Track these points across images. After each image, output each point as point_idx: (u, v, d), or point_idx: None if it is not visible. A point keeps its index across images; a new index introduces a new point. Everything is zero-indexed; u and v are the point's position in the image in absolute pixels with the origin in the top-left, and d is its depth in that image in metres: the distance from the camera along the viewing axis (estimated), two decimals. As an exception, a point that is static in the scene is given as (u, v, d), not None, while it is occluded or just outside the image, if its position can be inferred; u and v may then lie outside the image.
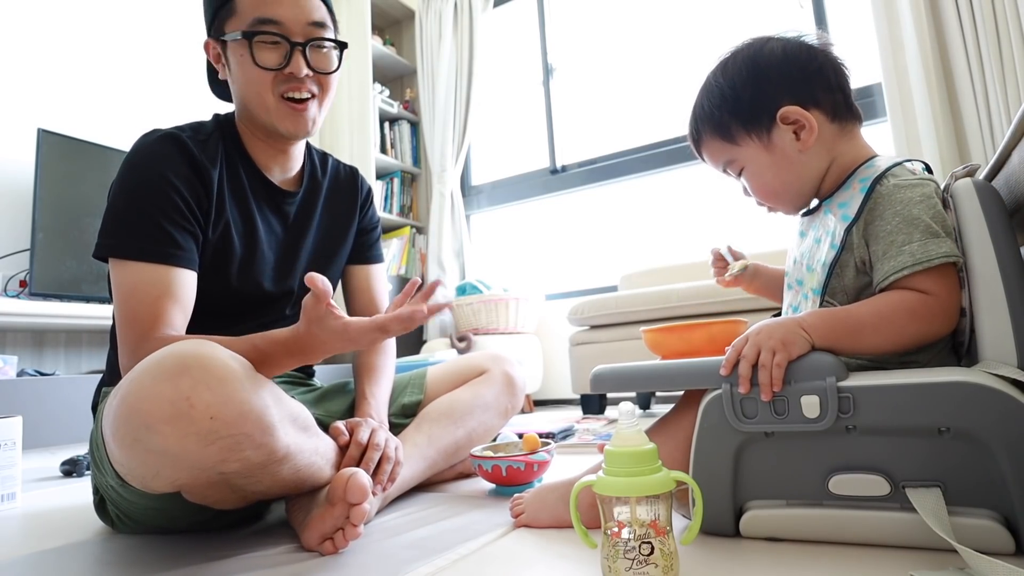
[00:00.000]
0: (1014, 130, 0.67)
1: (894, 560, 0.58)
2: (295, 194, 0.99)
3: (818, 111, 0.72)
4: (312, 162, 1.04)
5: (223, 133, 0.93)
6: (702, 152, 0.81)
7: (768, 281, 0.93)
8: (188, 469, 0.65)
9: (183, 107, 2.77)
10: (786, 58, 0.73)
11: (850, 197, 0.70)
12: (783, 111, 0.72)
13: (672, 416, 0.75)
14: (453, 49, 3.33)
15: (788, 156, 0.73)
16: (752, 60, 0.74)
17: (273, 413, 0.68)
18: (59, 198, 2.18)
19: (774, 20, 2.64)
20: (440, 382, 1.11)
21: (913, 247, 0.63)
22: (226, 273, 0.90)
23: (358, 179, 1.11)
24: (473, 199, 3.46)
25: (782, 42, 0.74)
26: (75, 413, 1.96)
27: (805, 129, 0.72)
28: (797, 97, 0.72)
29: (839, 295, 0.70)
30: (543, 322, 3.01)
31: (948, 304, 0.63)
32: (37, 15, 2.38)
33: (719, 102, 0.75)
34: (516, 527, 0.80)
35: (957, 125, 2.04)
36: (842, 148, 0.74)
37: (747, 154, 0.75)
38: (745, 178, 0.78)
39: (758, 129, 0.74)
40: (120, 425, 0.63)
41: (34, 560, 0.79)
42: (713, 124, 0.77)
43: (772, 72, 0.73)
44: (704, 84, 0.78)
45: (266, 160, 0.96)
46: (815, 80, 0.72)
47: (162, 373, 0.62)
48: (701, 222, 2.73)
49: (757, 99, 0.73)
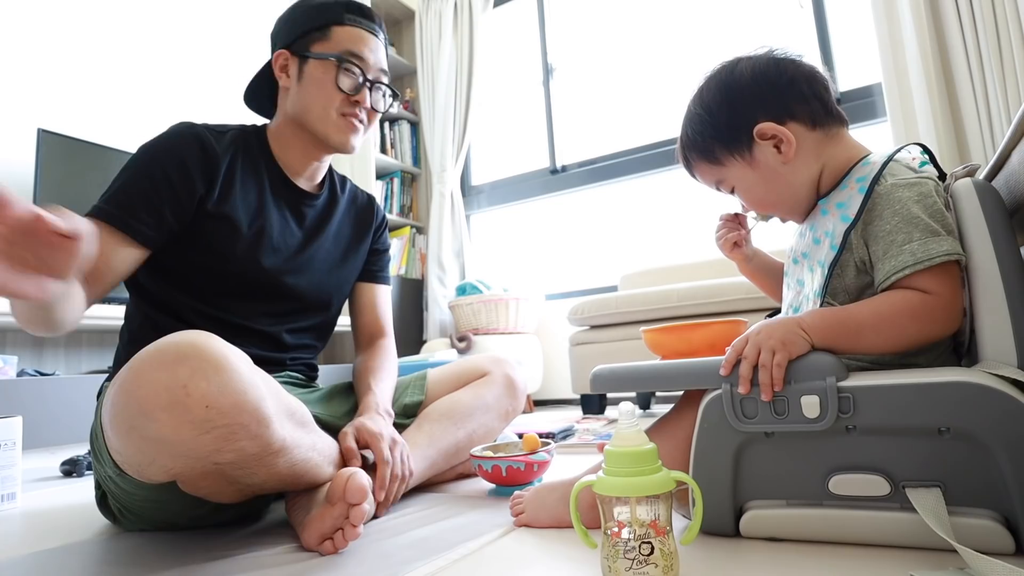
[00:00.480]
0: (1014, 130, 0.67)
1: (894, 560, 0.58)
2: (316, 197, 1.06)
3: (795, 123, 0.73)
4: (332, 179, 1.13)
5: (245, 134, 1.01)
6: (694, 175, 0.84)
7: (762, 266, 0.92)
8: (183, 458, 0.66)
9: (183, 107, 2.77)
10: (755, 77, 0.75)
11: (848, 197, 0.70)
12: (759, 128, 0.73)
13: (672, 416, 0.75)
14: (453, 49, 3.33)
15: (773, 170, 0.75)
16: (724, 84, 0.77)
17: (269, 405, 0.69)
18: (59, 198, 2.18)
19: (774, 20, 2.64)
20: (441, 383, 1.12)
21: (914, 246, 0.63)
22: (229, 253, 0.93)
23: (375, 205, 1.20)
24: (473, 199, 3.46)
25: (751, 61, 0.76)
26: (75, 413, 1.96)
27: (784, 143, 0.73)
28: (771, 113, 0.74)
29: (840, 295, 0.70)
30: (543, 322, 3.01)
31: (950, 304, 0.63)
32: (37, 15, 2.38)
33: (699, 128, 0.78)
34: (516, 526, 0.80)
35: (957, 125, 2.04)
36: (831, 152, 0.75)
37: (734, 173, 0.78)
38: (738, 194, 0.80)
39: (739, 148, 0.76)
40: (118, 412, 0.64)
41: (34, 560, 0.79)
42: (698, 149, 0.79)
43: (743, 92, 0.75)
44: (685, 113, 0.81)
45: (297, 165, 1.03)
46: (787, 93, 0.74)
47: (160, 361, 0.64)
48: (701, 222, 2.72)
49: (733, 120, 0.75)
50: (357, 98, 0.99)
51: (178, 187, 0.88)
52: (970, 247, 0.64)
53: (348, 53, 0.98)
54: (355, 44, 0.99)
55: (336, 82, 0.97)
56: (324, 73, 0.97)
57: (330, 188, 1.11)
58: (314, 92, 0.98)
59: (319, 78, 0.97)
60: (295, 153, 1.03)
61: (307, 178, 1.05)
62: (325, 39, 0.98)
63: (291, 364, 1.06)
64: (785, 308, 0.82)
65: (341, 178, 1.16)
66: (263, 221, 0.97)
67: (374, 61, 1.01)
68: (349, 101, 0.99)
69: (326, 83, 0.97)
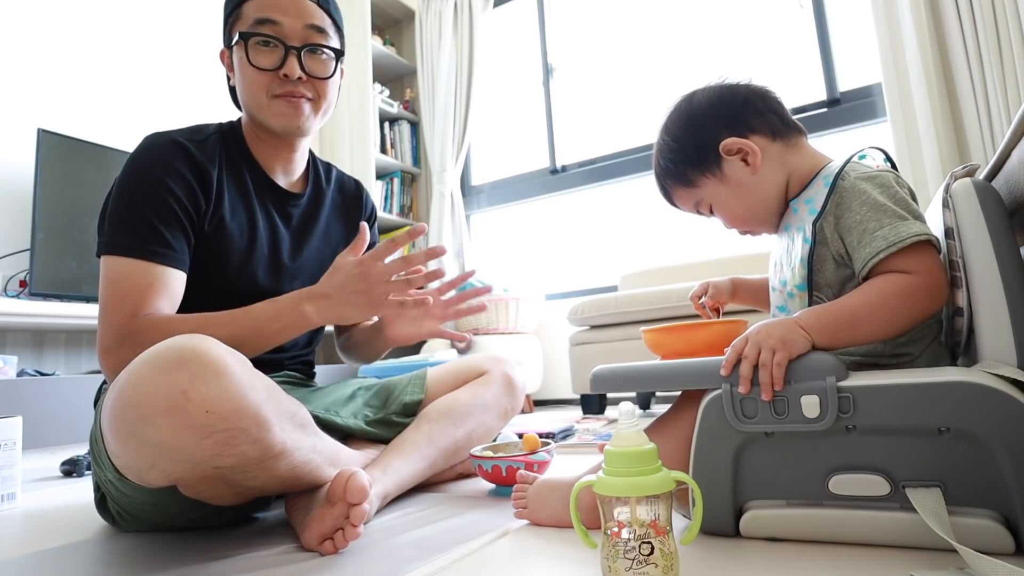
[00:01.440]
0: (1014, 130, 0.67)
1: (894, 560, 0.58)
2: (300, 196, 1.02)
3: (756, 135, 0.79)
4: (316, 170, 1.07)
5: (224, 136, 0.96)
6: (674, 202, 0.88)
7: (751, 293, 0.97)
8: (183, 463, 0.66)
9: (183, 107, 2.77)
10: (711, 102, 0.81)
11: (815, 193, 0.75)
12: (724, 144, 0.78)
13: (672, 416, 0.75)
14: (453, 49, 3.33)
15: (744, 183, 0.79)
16: (684, 113, 0.83)
17: (269, 409, 0.68)
18: (59, 198, 2.18)
19: (774, 20, 2.64)
20: (440, 382, 1.12)
21: (885, 231, 0.66)
22: (224, 268, 0.91)
23: (363, 193, 1.15)
24: (473, 199, 3.46)
25: (706, 90, 0.83)
26: (75, 413, 1.96)
27: (750, 154, 0.78)
28: (733, 129, 0.79)
29: (824, 290, 0.73)
30: (543, 322, 3.01)
31: (932, 280, 0.64)
32: (37, 15, 2.38)
33: (670, 156, 0.83)
34: (517, 518, 0.81)
35: (957, 125, 2.04)
36: (794, 161, 0.80)
37: (709, 192, 0.82)
38: (716, 212, 0.85)
39: (709, 167, 0.80)
40: (117, 417, 0.64)
41: (34, 560, 0.79)
42: (672, 176, 0.84)
43: (704, 116, 0.81)
44: (655, 146, 0.86)
45: (269, 162, 0.98)
46: (743, 111, 0.79)
47: (159, 366, 0.63)
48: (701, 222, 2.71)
49: (699, 142, 0.80)
50: (284, 72, 0.88)
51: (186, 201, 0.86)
52: (970, 247, 0.64)
53: (256, 23, 0.87)
54: (263, 10, 0.87)
55: (250, 61, 0.87)
56: (241, 56, 0.88)
57: (314, 182, 1.06)
58: (241, 81, 0.91)
59: (240, 64, 0.89)
60: (266, 149, 0.97)
61: (284, 173, 1.00)
62: (238, 19, 0.89)
63: (289, 364, 1.06)
64: (772, 310, 0.84)
65: (326, 166, 1.10)
66: (254, 232, 0.94)
67: (293, 22, 0.87)
68: (277, 78, 0.89)
69: (244, 66, 0.88)
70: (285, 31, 0.87)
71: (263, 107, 0.90)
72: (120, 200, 0.85)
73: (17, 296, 2.12)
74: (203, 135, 0.93)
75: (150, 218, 0.83)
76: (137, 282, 0.80)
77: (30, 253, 2.10)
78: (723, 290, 0.98)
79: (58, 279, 2.14)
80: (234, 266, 0.92)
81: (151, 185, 0.84)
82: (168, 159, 0.86)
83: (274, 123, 0.91)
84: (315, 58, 0.91)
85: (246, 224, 0.94)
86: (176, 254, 0.84)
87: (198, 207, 0.88)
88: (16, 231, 2.21)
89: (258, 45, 0.87)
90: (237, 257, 0.92)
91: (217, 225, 0.90)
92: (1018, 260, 0.63)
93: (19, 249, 2.19)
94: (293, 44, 0.88)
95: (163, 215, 0.84)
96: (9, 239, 2.21)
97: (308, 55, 0.89)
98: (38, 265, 2.09)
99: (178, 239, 0.85)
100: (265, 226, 0.96)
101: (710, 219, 0.88)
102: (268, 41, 0.87)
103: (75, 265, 2.19)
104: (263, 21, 0.86)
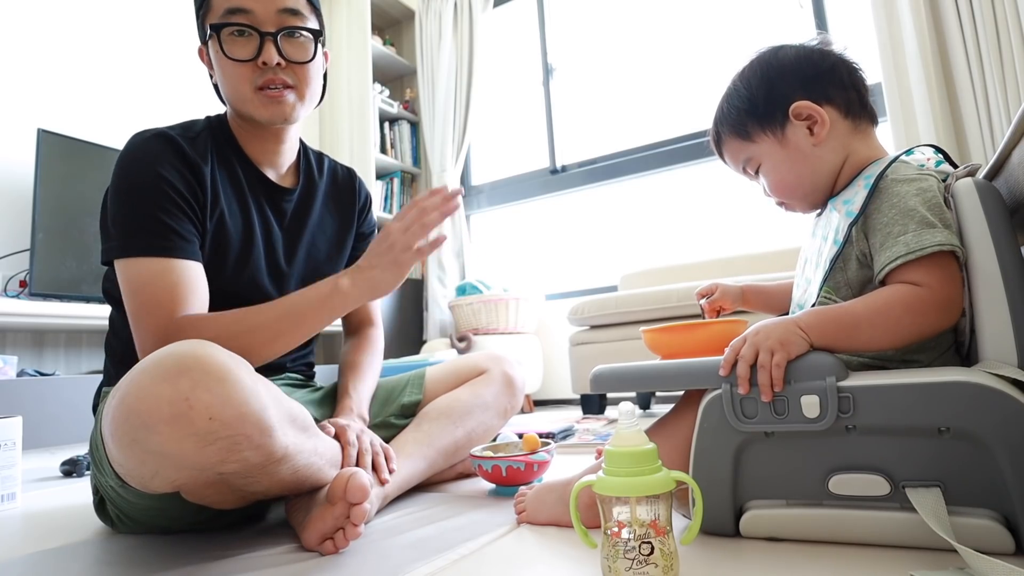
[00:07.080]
0: (1014, 130, 0.67)
1: (894, 560, 0.58)
2: (292, 191, 1.00)
3: (831, 107, 0.75)
4: (308, 160, 1.05)
5: (213, 131, 0.94)
6: (723, 153, 0.84)
7: (767, 298, 0.97)
8: (187, 469, 0.65)
9: (183, 107, 2.77)
10: (799, 58, 0.77)
11: (854, 194, 0.71)
12: (795, 106, 0.74)
13: (672, 416, 0.75)
14: (453, 49, 3.33)
15: (802, 151, 0.76)
16: (766, 62, 0.79)
17: (272, 414, 0.68)
18: (59, 198, 2.18)
19: (774, 20, 2.64)
20: (439, 382, 1.11)
21: (908, 237, 0.64)
22: (222, 268, 0.90)
23: (356, 182, 1.11)
24: (473, 199, 3.46)
25: (796, 46, 0.79)
26: (75, 413, 1.96)
27: (818, 124, 0.74)
28: (809, 93, 0.75)
29: (843, 289, 0.71)
30: (543, 322, 3.01)
31: (943, 296, 0.62)
32: (37, 15, 2.38)
33: (736, 102, 0.79)
34: (518, 523, 0.80)
35: (957, 125, 2.04)
36: (856, 146, 0.75)
37: (763, 150, 0.78)
38: (762, 174, 0.81)
39: (772, 125, 0.77)
40: (119, 425, 0.63)
41: (34, 560, 0.79)
42: (731, 124, 0.80)
43: (785, 71, 0.77)
44: (725, 90, 0.82)
45: (258, 155, 0.96)
46: (827, 77, 0.75)
47: (161, 374, 0.62)
48: (701, 222, 2.73)
49: (771, 96, 0.76)
50: (261, 60, 0.85)
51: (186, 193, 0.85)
52: (971, 246, 0.64)
53: (227, 13, 0.84)
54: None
55: (225, 53, 0.85)
56: (217, 50, 0.86)
57: (306, 173, 1.03)
58: (221, 76, 0.88)
59: (217, 58, 0.87)
60: (254, 142, 0.95)
61: (273, 165, 0.98)
62: (208, 11, 0.86)
63: (291, 366, 1.06)
64: (793, 306, 0.83)
65: (317, 156, 1.07)
66: (249, 230, 0.93)
67: (265, 7, 0.84)
68: (257, 68, 0.86)
69: (222, 60, 0.86)
70: (258, 18, 0.84)
71: (247, 100, 0.88)
72: (120, 200, 0.83)
73: (17, 296, 2.12)
74: (194, 131, 0.91)
75: (155, 213, 0.81)
76: (164, 283, 0.79)
77: (30, 253, 2.10)
78: (730, 295, 0.97)
79: (58, 279, 2.14)
80: (231, 267, 0.91)
81: (148, 180, 0.82)
82: (160, 153, 0.84)
83: (259, 115, 0.89)
84: (293, 42, 0.87)
85: (242, 224, 0.92)
86: (190, 245, 0.83)
87: (198, 200, 0.86)
88: (16, 231, 2.21)
89: (232, 36, 0.85)
90: (235, 258, 0.91)
91: (218, 221, 0.89)
92: (1019, 260, 0.63)
93: (19, 249, 2.19)
94: (268, 30, 0.85)
95: (167, 208, 0.82)
96: (9, 239, 2.21)
97: (285, 39, 0.86)
98: (38, 265, 2.09)
99: (187, 228, 0.83)
100: (260, 224, 0.95)
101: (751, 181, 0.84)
102: (242, 31, 0.84)
103: (75, 265, 2.19)
104: (234, 11, 0.84)
